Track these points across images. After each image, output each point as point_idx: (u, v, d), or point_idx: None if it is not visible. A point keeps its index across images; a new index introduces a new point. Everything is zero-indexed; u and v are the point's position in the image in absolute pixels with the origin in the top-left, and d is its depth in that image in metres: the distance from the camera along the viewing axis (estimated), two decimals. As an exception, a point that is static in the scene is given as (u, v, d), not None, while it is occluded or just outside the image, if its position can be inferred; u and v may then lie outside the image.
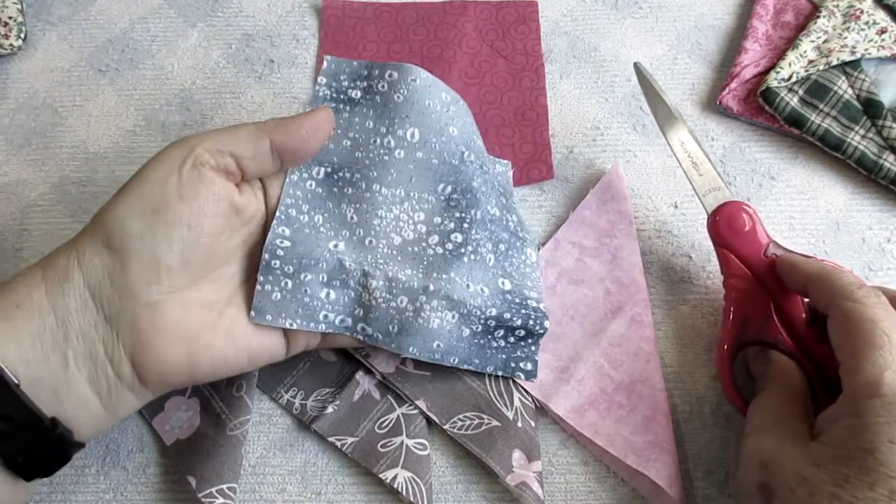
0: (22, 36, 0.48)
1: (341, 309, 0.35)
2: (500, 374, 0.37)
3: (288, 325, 0.33)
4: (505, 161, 0.43)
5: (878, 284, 0.40)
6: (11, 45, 0.47)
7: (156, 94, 0.47)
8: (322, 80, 0.37)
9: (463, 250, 0.36)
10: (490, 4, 0.50)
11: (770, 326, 0.35)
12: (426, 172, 0.36)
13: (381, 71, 0.36)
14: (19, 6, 0.48)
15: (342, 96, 0.36)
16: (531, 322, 0.36)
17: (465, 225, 0.36)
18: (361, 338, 0.35)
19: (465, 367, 0.36)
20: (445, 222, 0.36)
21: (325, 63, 0.37)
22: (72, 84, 0.48)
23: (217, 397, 0.37)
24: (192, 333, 0.31)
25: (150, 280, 0.30)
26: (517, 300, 0.36)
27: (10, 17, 0.48)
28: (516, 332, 0.36)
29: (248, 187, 0.34)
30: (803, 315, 0.35)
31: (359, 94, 0.36)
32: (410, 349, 0.35)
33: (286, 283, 0.33)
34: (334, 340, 0.36)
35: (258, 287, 0.33)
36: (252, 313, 0.33)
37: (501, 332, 0.36)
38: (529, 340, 0.37)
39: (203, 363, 0.31)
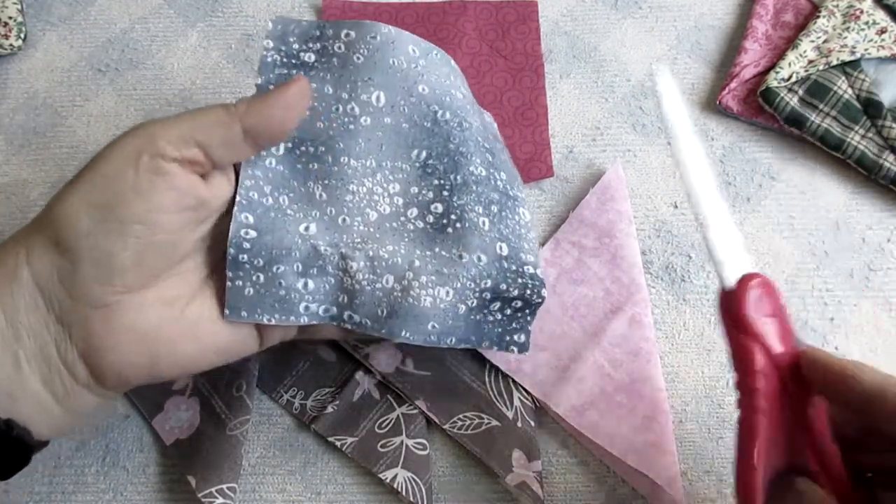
0: (22, 36, 0.48)
1: (323, 298, 0.32)
2: (494, 348, 0.34)
3: (266, 321, 0.31)
4: (488, 113, 0.40)
5: (877, 284, 0.41)
6: (11, 45, 0.47)
7: (156, 94, 0.47)
8: (269, 43, 0.33)
9: (445, 221, 0.33)
10: (490, 4, 0.50)
11: (798, 446, 0.26)
12: (397, 139, 0.33)
13: (336, 30, 0.33)
14: (19, 6, 0.48)
15: (294, 61, 0.33)
16: (528, 292, 0.33)
17: (445, 192, 0.33)
18: (350, 326, 0.32)
19: (462, 345, 0.34)
20: (423, 192, 0.33)
21: (270, 24, 0.33)
22: (72, 84, 0.48)
23: (217, 397, 0.37)
24: (150, 334, 0.29)
25: (102, 281, 0.28)
26: (514, 267, 0.33)
27: (10, 17, 0.48)
28: (513, 304, 0.34)
29: (216, 172, 0.31)
30: (826, 426, 0.27)
31: (312, 57, 0.33)
32: (403, 333, 0.32)
33: (258, 276, 0.31)
34: (316, 331, 0.34)
35: (228, 284, 0.31)
36: (226, 311, 0.31)
37: (497, 305, 0.33)
38: (526, 311, 0.34)
39: (165, 362, 0.30)
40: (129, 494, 0.36)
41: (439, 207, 0.33)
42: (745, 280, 0.28)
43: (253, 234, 0.31)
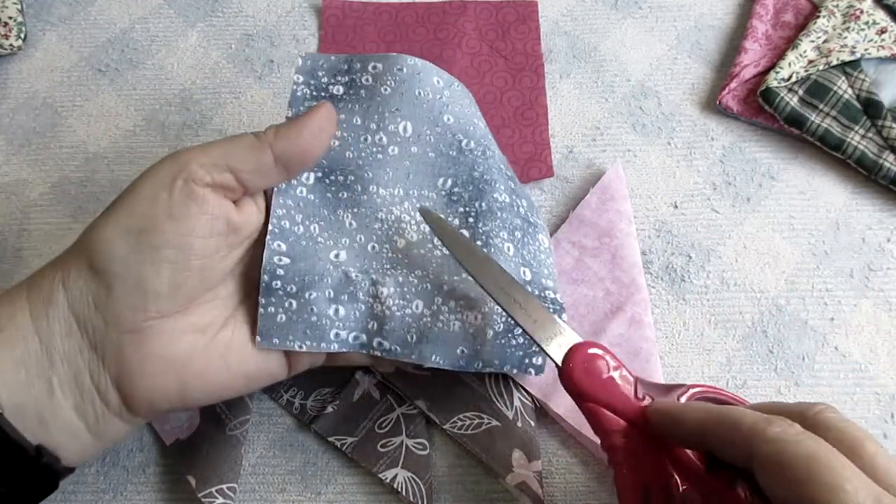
0: (22, 36, 0.48)
1: (353, 325, 0.32)
2: (515, 371, 0.35)
3: (297, 348, 0.31)
4: None
5: (877, 284, 0.41)
6: (11, 45, 0.47)
7: (156, 94, 0.47)
8: (298, 78, 0.34)
9: None
10: (490, 4, 0.50)
11: (675, 489, 0.27)
12: (423, 168, 0.34)
13: (364, 63, 0.34)
14: (19, 6, 0.48)
15: (323, 94, 0.34)
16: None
17: (471, 219, 0.34)
18: (379, 353, 0.33)
19: (487, 370, 0.34)
20: (449, 219, 0.34)
21: (299, 60, 0.35)
22: (72, 84, 0.48)
23: (217, 397, 0.37)
24: (181, 360, 0.29)
25: (136, 306, 0.28)
26: (536, 291, 0.35)
27: (10, 17, 0.48)
28: None
29: (247, 199, 0.32)
30: (699, 462, 0.28)
31: (341, 89, 0.34)
32: (434, 357, 0.33)
33: (290, 303, 0.31)
34: (343, 359, 0.34)
35: (261, 311, 0.31)
36: (258, 338, 0.31)
37: (521, 329, 0.34)
38: None
39: (195, 390, 0.30)
40: (129, 494, 0.36)
41: (465, 234, 0.34)
42: (570, 354, 0.30)
43: (286, 260, 0.32)
